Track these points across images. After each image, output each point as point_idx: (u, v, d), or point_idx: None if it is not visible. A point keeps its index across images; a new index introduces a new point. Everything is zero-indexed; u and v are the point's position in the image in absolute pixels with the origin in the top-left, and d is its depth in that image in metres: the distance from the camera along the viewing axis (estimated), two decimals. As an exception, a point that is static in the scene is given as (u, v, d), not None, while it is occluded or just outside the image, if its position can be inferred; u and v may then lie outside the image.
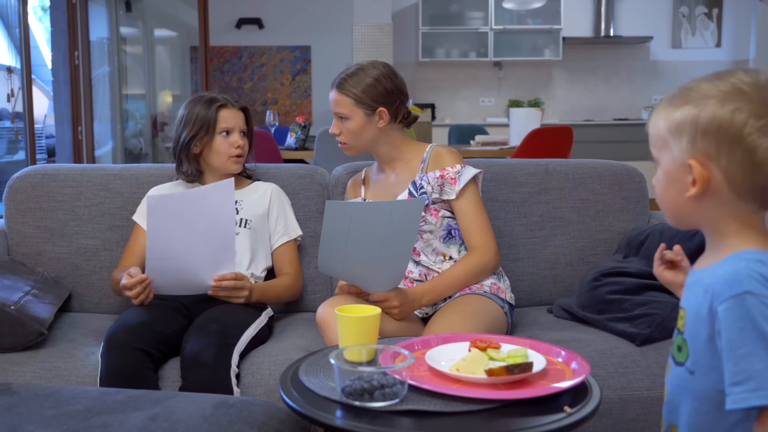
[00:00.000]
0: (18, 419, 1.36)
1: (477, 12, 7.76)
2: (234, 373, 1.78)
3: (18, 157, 5.85)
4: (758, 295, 0.94)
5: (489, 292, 2.00)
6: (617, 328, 1.97)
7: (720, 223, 1.04)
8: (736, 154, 0.98)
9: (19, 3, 5.12)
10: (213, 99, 2.17)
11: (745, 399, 0.94)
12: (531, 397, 1.24)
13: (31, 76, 5.43)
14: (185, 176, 2.20)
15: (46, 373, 1.84)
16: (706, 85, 1.01)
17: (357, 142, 2.07)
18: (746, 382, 0.94)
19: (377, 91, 2.01)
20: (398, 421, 1.19)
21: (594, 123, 7.57)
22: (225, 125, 2.15)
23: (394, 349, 1.35)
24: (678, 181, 1.04)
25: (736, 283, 0.96)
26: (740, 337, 0.94)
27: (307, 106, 7.98)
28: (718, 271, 1.00)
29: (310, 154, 4.75)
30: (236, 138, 2.16)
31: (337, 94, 2.03)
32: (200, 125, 2.13)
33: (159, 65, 7.56)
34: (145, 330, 1.83)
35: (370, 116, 2.03)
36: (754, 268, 0.97)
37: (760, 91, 0.98)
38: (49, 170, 2.38)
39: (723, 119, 0.98)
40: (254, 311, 2.01)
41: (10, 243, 2.33)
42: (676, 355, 1.08)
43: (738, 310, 0.95)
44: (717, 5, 7.99)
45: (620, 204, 2.39)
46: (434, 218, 2.02)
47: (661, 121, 1.06)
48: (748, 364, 0.94)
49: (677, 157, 1.03)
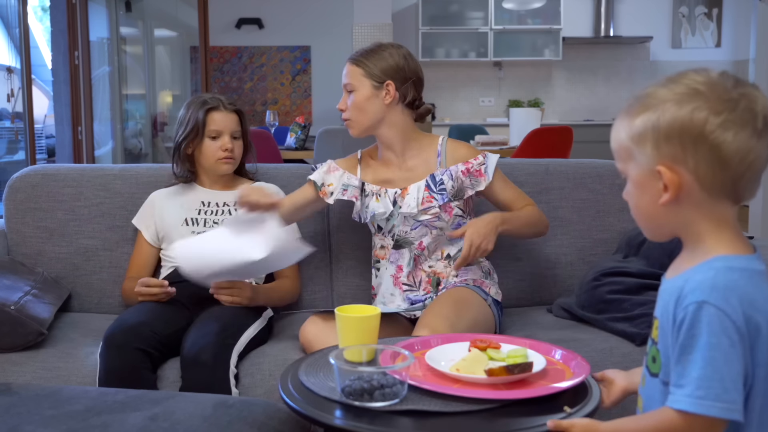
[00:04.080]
0: (18, 419, 1.36)
1: (477, 12, 7.76)
2: (233, 374, 1.78)
3: (18, 157, 5.86)
4: (714, 306, 0.96)
5: (472, 284, 2.00)
6: (617, 327, 1.97)
7: (696, 225, 1.04)
8: (703, 153, 0.98)
9: (19, 3, 5.12)
10: (205, 101, 2.19)
11: (678, 401, 0.98)
12: (531, 397, 1.24)
13: (31, 76, 5.43)
14: (177, 177, 2.24)
15: (46, 373, 1.84)
16: (661, 90, 1.01)
17: (361, 117, 2.01)
18: (685, 386, 0.97)
19: (387, 64, 2.00)
20: (398, 421, 1.19)
21: (594, 123, 7.57)
22: (214, 128, 2.16)
23: (394, 349, 1.35)
24: (649, 190, 1.03)
25: (699, 291, 0.98)
26: (689, 344, 0.97)
27: (307, 106, 7.97)
28: (689, 278, 1.01)
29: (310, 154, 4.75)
30: (225, 141, 2.17)
31: (350, 65, 2.03)
32: (191, 127, 2.16)
33: (159, 65, 7.56)
34: (145, 330, 1.82)
35: (378, 90, 1.99)
36: (720, 278, 0.98)
37: (715, 89, 0.99)
38: (49, 170, 2.38)
39: (683, 120, 0.98)
40: (254, 312, 2.00)
41: (10, 243, 2.33)
42: (651, 365, 1.08)
43: (694, 318, 0.97)
44: (717, 5, 7.99)
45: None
46: (448, 216, 2.01)
47: (622, 131, 1.05)
48: (689, 369, 0.97)
49: (644, 165, 1.02)
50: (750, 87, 1.00)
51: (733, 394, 0.96)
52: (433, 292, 2.04)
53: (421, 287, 2.04)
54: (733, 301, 0.96)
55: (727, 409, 0.95)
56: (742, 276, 0.99)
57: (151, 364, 1.80)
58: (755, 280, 1.00)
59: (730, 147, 0.97)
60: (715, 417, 0.96)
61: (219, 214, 2.20)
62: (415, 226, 2.02)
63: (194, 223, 2.19)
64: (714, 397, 0.95)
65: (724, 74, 1.01)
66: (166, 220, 2.21)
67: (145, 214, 2.25)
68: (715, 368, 0.95)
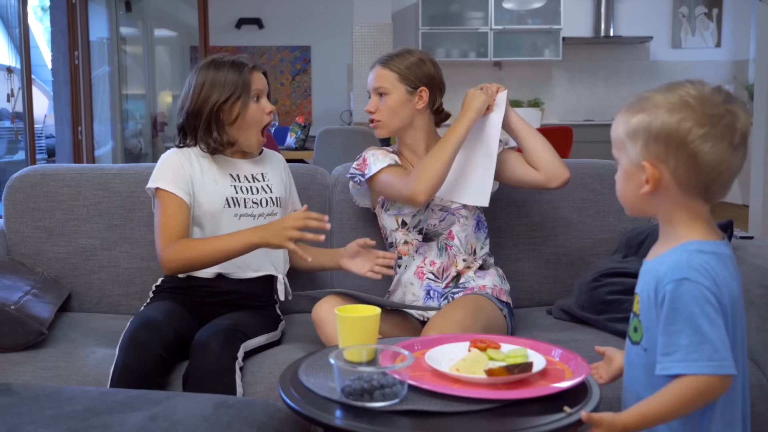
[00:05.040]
0: (18, 419, 1.36)
1: (477, 12, 7.75)
2: (239, 366, 1.77)
3: (18, 157, 5.86)
4: (694, 281, 1.11)
5: (491, 294, 2.01)
6: (617, 328, 1.97)
7: (672, 214, 1.19)
8: (682, 157, 1.14)
9: (19, 3, 5.12)
10: (242, 60, 2.01)
11: (669, 368, 1.11)
12: (531, 397, 1.24)
13: (31, 76, 5.43)
14: (209, 148, 2.00)
15: (46, 372, 1.84)
16: (658, 97, 1.16)
17: (393, 119, 2.06)
18: (673, 353, 1.11)
19: (422, 71, 2.05)
20: (398, 421, 1.19)
21: (594, 123, 7.56)
22: (258, 87, 2.01)
23: (394, 349, 1.35)
24: (634, 179, 1.19)
25: (677, 270, 1.13)
26: (673, 316, 1.12)
27: (307, 106, 7.97)
28: (666, 260, 1.16)
29: (310, 154, 4.75)
30: (265, 103, 2.03)
31: (382, 69, 2.05)
32: (232, 89, 1.95)
33: (159, 65, 7.56)
34: (168, 331, 1.78)
35: (411, 95, 2.05)
36: (694, 259, 1.13)
37: (703, 104, 1.13)
38: (48, 170, 2.38)
39: (671, 127, 1.13)
40: (272, 323, 1.99)
41: (10, 243, 2.33)
42: (632, 335, 1.24)
43: (675, 293, 1.11)
44: (717, 5, 7.98)
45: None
46: (467, 210, 2.07)
47: (621, 126, 1.20)
48: (676, 338, 1.11)
49: (633, 158, 1.18)
50: (737, 105, 1.15)
51: (723, 353, 1.09)
52: (452, 286, 2.06)
53: (444, 280, 2.06)
54: (708, 277, 1.12)
55: (721, 366, 1.09)
56: (711, 258, 1.14)
57: (166, 369, 1.78)
58: (723, 261, 1.15)
59: (707, 157, 1.13)
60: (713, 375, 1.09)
61: (255, 192, 2.05)
62: (442, 217, 2.06)
63: (235, 203, 2.01)
64: (707, 358, 1.09)
65: (717, 90, 1.15)
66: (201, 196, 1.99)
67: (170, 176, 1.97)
68: (702, 334, 1.09)
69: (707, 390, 1.10)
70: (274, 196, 2.09)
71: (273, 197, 2.08)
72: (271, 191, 2.09)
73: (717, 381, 1.10)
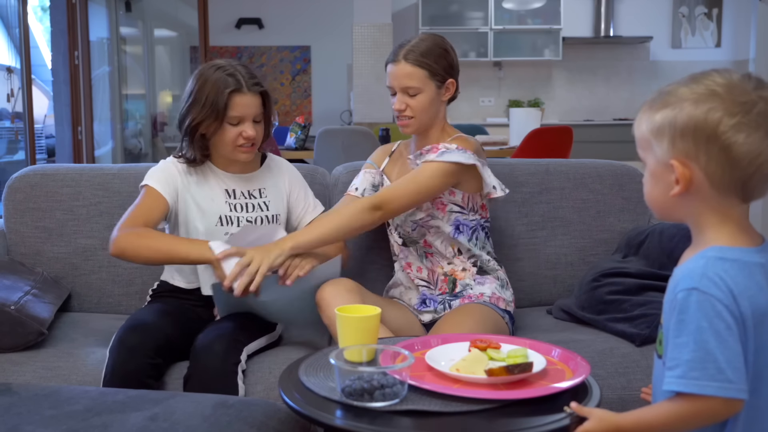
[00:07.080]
0: (18, 419, 1.36)
1: (477, 12, 7.75)
2: (241, 369, 1.77)
3: (18, 157, 5.86)
4: (704, 292, 1.01)
5: (489, 301, 1.98)
6: (617, 328, 1.97)
7: (701, 217, 1.09)
8: (714, 152, 1.03)
9: (19, 3, 5.12)
10: (226, 81, 1.90)
11: (669, 383, 1.03)
12: (531, 397, 1.24)
13: (30, 76, 5.43)
14: (187, 160, 2.00)
15: (46, 372, 1.84)
16: (682, 89, 1.06)
17: (425, 117, 1.95)
18: (675, 368, 1.02)
19: (447, 63, 1.96)
20: (398, 421, 1.19)
21: (594, 123, 7.57)
22: (236, 114, 1.91)
23: (394, 349, 1.35)
24: (662, 180, 1.09)
25: (689, 279, 1.03)
26: (680, 328, 1.03)
27: (307, 106, 7.98)
28: (686, 267, 1.07)
29: (310, 154, 4.75)
30: (246, 127, 1.93)
31: (408, 66, 1.91)
32: (209, 110, 1.90)
33: (159, 65, 7.56)
34: (159, 334, 1.78)
35: (440, 89, 1.96)
36: (710, 267, 1.03)
37: (732, 91, 1.03)
38: (48, 170, 2.38)
39: (698, 120, 1.03)
40: (270, 324, 1.98)
41: (9, 243, 2.33)
42: (658, 348, 1.14)
43: (684, 304, 1.03)
44: (717, 5, 7.98)
45: (621, 204, 2.39)
46: (441, 213, 1.98)
47: (644, 123, 1.11)
48: (680, 352, 1.02)
49: (660, 157, 1.08)
50: None
51: (729, 373, 0.99)
52: (448, 293, 2.02)
53: (437, 287, 2.03)
54: (723, 287, 1.01)
55: (724, 388, 0.99)
56: (733, 266, 1.03)
57: (157, 372, 1.77)
58: (748, 270, 1.04)
59: (741, 148, 1.02)
60: (713, 396, 1.00)
61: (251, 210, 2.02)
62: (413, 227, 2.02)
63: (229, 222, 2.00)
64: (709, 377, 0.99)
65: (747, 76, 1.05)
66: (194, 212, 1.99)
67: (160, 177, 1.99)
68: (707, 350, 1.00)
69: (708, 411, 1.01)
70: (270, 214, 2.05)
71: (269, 215, 2.05)
72: (267, 209, 2.05)
73: (719, 403, 1.00)
